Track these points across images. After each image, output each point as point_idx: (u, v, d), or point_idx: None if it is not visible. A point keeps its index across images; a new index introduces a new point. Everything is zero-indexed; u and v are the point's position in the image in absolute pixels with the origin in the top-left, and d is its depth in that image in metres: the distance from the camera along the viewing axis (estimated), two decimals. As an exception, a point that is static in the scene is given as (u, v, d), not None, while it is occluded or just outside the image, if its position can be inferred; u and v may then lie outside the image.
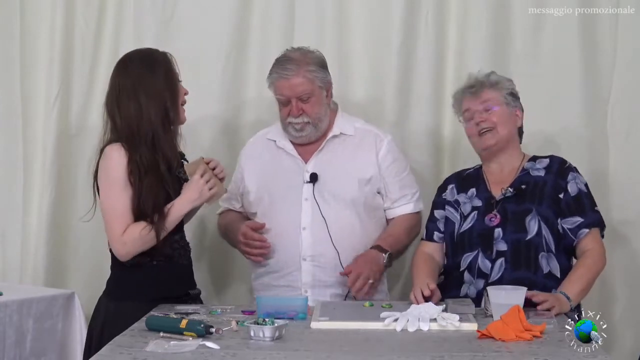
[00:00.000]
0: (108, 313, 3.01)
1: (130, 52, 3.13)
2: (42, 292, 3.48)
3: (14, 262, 3.87)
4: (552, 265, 3.06)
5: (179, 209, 3.00)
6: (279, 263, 3.26)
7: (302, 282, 3.23)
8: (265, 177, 3.34)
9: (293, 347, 2.42)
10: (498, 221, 3.08)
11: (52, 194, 3.81)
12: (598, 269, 3.07)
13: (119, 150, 2.96)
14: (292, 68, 3.23)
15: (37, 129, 3.86)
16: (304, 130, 3.27)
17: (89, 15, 3.85)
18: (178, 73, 3.07)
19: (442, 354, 2.36)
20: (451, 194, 3.25)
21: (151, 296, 2.99)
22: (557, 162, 3.17)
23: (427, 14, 3.77)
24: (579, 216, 3.07)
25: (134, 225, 2.96)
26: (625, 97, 3.73)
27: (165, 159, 2.98)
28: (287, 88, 3.24)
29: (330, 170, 3.28)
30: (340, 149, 3.33)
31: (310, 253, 3.24)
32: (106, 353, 2.39)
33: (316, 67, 3.25)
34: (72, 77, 3.84)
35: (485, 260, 3.06)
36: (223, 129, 3.84)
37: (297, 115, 3.24)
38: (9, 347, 3.22)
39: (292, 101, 3.24)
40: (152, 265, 3.03)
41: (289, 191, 3.28)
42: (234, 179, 3.45)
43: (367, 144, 3.34)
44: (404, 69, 3.77)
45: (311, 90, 3.23)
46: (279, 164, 3.34)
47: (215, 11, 3.82)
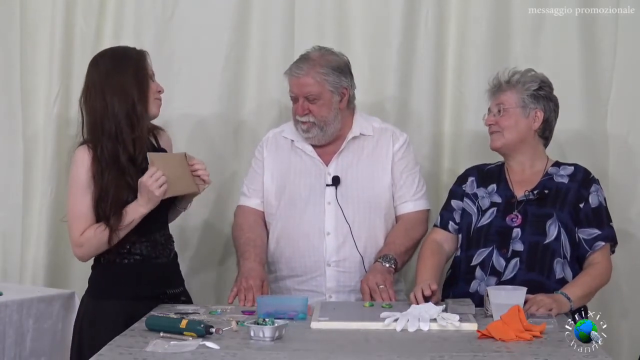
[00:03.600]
0: (87, 311, 3.05)
1: (104, 49, 3.18)
2: (42, 292, 3.47)
3: (14, 262, 3.87)
4: (565, 272, 3.06)
5: (132, 213, 2.97)
6: (302, 268, 3.25)
7: (327, 288, 3.23)
8: (285, 177, 3.32)
9: (293, 347, 2.42)
10: (519, 222, 3.08)
11: (52, 194, 3.80)
12: (602, 282, 3.09)
13: (83, 152, 2.99)
14: (304, 67, 3.23)
15: (37, 129, 3.86)
16: (310, 131, 3.26)
17: (89, 15, 3.84)
18: (150, 69, 3.07)
19: (442, 354, 2.36)
20: (471, 186, 3.24)
21: (125, 295, 3.00)
22: (582, 171, 3.17)
23: (427, 14, 3.77)
24: (596, 228, 3.08)
25: (91, 226, 2.97)
26: (625, 97, 3.73)
27: (126, 151, 2.98)
28: (296, 86, 3.24)
29: (352, 172, 3.27)
30: (360, 151, 3.32)
31: (334, 258, 3.23)
32: (106, 353, 2.39)
33: (330, 70, 3.23)
34: (72, 77, 3.83)
35: (500, 258, 3.06)
36: (223, 128, 3.83)
37: (302, 114, 3.24)
38: (9, 347, 3.22)
39: (299, 99, 3.24)
40: (124, 264, 3.04)
41: (310, 194, 3.26)
42: (251, 175, 3.40)
43: (385, 143, 3.33)
44: (404, 69, 3.77)
45: (319, 92, 3.22)
46: (298, 164, 3.32)
47: (215, 11, 3.82)
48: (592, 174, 3.17)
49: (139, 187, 2.96)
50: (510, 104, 3.15)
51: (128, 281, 3.02)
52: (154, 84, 3.08)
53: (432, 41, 3.77)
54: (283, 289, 3.30)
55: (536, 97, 3.15)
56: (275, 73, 3.79)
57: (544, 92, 3.16)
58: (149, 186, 2.93)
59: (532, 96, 3.14)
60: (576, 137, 3.69)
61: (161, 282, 3.08)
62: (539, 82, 3.16)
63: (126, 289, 3.01)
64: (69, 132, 3.84)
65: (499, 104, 3.17)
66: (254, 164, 3.42)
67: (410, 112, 3.77)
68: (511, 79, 3.17)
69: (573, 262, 3.08)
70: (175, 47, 3.81)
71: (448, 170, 3.80)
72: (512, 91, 3.16)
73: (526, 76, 3.17)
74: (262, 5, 3.83)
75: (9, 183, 3.88)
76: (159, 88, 3.09)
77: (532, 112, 3.15)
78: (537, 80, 3.17)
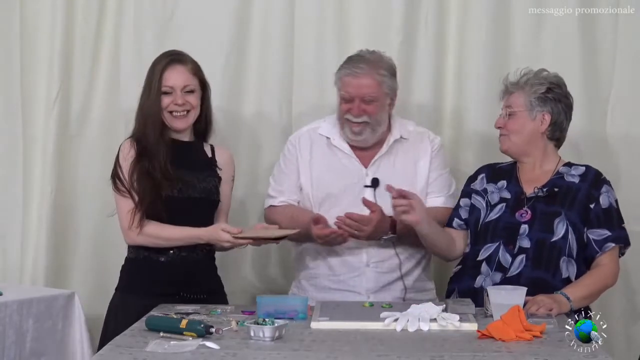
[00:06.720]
0: (112, 304, 3.16)
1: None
2: (42, 292, 3.47)
3: (14, 262, 3.86)
4: (571, 270, 3.06)
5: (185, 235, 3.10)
6: (341, 267, 3.25)
7: (365, 288, 3.23)
8: (322, 175, 3.30)
9: (293, 347, 2.42)
10: (529, 217, 3.08)
11: (52, 194, 3.80)
12: (606, 284, 3.09)
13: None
14: (364, 67, 3.20)
15: (37, 129, 3.85)
16: (362, 133, 3.23)
17: (89, 14, 3.84)
18: (170, 82, 3.16)
19: (442, 354, 2.36)
20: (480, 183, 3.25)
21: (147, 291, 3.07)
22: (593, 172, 3.16)
23: (427, 14, 3.77)
24: (607, 229, 3.07)
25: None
26: (625, 97, 3.74)
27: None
28: (354, 86, 3.20)
29: (391, 175, 3.24)
30: (400, 154, 3.31)
31: (374, 260, 3.23)
32: (106, 353, 2.39)
33: (388, 72, 3.23)
34: (72, 77, 3.83)
35: (507, 254, 3.06)
36: (222, 127, 3.83)
37: (358, 114, 3.20)
38: (9, 347, 3.22)
39: (355, 100, 3.20)
40: (139, 259, 3.14)
41: (350, 195, 3.23)
42: (286, 171, 3.36)
43: (423, 148, 3.32)
44: (404, 69, 3.76)
45: (377, 93, 3.20)
46: (336, 163, 3.30)
47: (215, 11, 3.82)
48: (603, 175, 3.17)
49: (215, 233, 3.05)
50: (518, 106, 3.14)
51: (151, 278, 3.12)
52: (169, 98, 3.12)
53: (432, 41, 3.77)
54: (319, 287, 3.28)
55: (543, 100, 3.13)
56: (275, 73, 3.80)
57: (552, 94, 3.14)
58: (223, 241, 3.05)
59: (539, 99, 3.13)
60: (576, 137, 3.69)
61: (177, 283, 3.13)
62: (548, 84, 3.14)
63: (147, 286, 3.11)
64: (69, 132, 3.85)
65: (507, 107, 3.17)
66: (284, 164, 3.37)
67: (410, 112, 3.77)
68: (520, 80, 3.17)
69: (580, 262, 3.08)
70: (175, 47, 3.78)
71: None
72: (519, 93, 3.15)
73: (536, 77, 3.16)
74: (262, 6, 3.83)
75: (9, 183, 3.88)
76: (177, 101, 3.12)
77: (539, 115, 3.14)
78: (546, 82, 3.15)
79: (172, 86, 3.13)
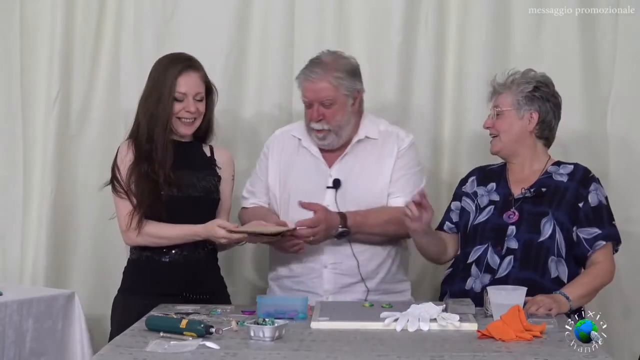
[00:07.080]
0: (115, 306, 3.16)
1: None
2: (42, 292, 3.47)
3: (14, 262, 3.87)
4: (560, 270, 3.06)
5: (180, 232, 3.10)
6: (300, 269, 3.25)
7: (324, 289, 3.23)
8: (287, 175, 3.31)
9: (293, 347, 2.42)
10: (516, 219, 3.08)
11: (52, 194, 3.81)
12: (603, 281, 3.09)
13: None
14: (318, 72, 3.19)
15: (37, 129, 3.85)
16: (326, 138, 3.23)
17: (89, 15, 3.84)
18: (181, 89, 3.15)
19: (442, 354, 2.36)
20: (471, 185, 3.26)
21: (150, 292, 3.07)
22: (581, 170, 3.16)
23: (427, 14, 3.77)
24: (596, 227, 3.07)
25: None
26: (625, 97, 3.74)
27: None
28: (311, 91, 3.20)
29: (354, 176, 3.25)
30: (364, 154, 3.29)
31: (332, 261, 3.23)
32: (106, 353, 2.39)
33: (344, 74, 3.21)
34: (72, 77, 3.83)
35: (495, 255, 3.07)
36: (222, 127, 3.83)
37: (316, 120, 3.20)
38: (9, 347, 3.22)
39: (314, 105, 3.21)
40: (141, 260, 3.14)
41: (310, 195, 3.21)
42: (258, 173, 3.39)
43: (389, 148, 3.29)
44: (404, 69, 3.77)
45: (334, 96, 3.19)
46: (302, 164, 3.31)
47: (215, 11, 3.82)
48: (592, 172, 3.17)
49: (212, 229, 3.04)
50: (505, 105, 3.15)
51: (149, 278, 3.12)
52: (180, 104, 3.12)
53: (432, 41, 3.77)
54: (283, 288, 3.30)
55: (531, 99, 3.14)
56: (275, 73, 3.80)
57: (539, 92, 3.15)
58: (219, 237, 3.04)
59: (526, 97, 3.13)
60: (576, 137, 3.69)
61: (180, 283, 3.13)
62: (535, 83, 3.15)
63: (148, 286, 3.11)
64: (69, 132, 3.85)
65: (496, 107, 3.18)
66: (258, 167, 3.41)
67: (410, 112, 3.77)
68: (507, 80, 3.18)
69: (569, 260, 3.08)
70: (175, 47, 3.78)
71: (448, 171, 3.80)
72: (507, 93, 3.16)
73: (523, 77, 3.17)
74: (262, 6, 3.83)
75: (9, 183, 3.88)
76: (189, 109, 3.12)
77: (527, 114, 3.14)
78: (533, 82, 3.15)
79: (185, 93, 3.12)
